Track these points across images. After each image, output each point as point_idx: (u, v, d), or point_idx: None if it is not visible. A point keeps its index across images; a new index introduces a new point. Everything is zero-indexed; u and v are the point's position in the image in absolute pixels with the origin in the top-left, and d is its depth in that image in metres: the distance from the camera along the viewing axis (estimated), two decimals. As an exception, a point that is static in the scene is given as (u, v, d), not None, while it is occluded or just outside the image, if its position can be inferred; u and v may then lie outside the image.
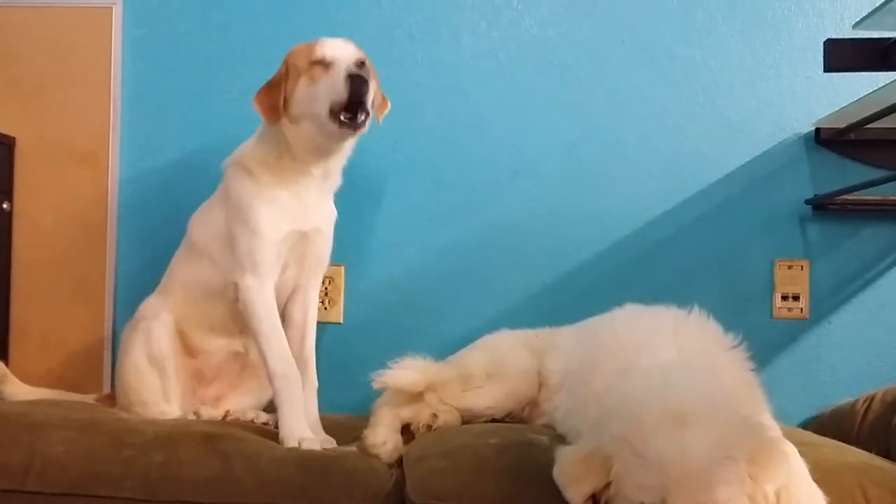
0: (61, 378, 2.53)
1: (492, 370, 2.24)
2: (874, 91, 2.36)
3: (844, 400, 2.45)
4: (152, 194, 2.72)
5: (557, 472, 1.58)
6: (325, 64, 2.11)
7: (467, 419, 2.17)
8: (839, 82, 2.62)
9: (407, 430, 2.03)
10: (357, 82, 2.05)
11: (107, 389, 2.60)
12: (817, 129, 2.67)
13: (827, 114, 2.62)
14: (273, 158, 2.19)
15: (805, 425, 2.53)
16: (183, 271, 2.32)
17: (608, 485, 1.49)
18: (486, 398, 2.21)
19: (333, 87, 2.07)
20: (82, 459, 1.73)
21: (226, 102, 2.72)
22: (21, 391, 2.38)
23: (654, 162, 2.71)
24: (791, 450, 1.63)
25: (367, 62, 2.20)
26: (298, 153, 2.18)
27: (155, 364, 2.19)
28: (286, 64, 2.19)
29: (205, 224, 2.29)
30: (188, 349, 2.28)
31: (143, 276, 2.66)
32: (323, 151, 2.19)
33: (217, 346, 2.31)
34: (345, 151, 2.25)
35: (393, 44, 2.72)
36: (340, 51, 2.14)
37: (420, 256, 2.71)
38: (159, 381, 2.19)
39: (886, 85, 2.28)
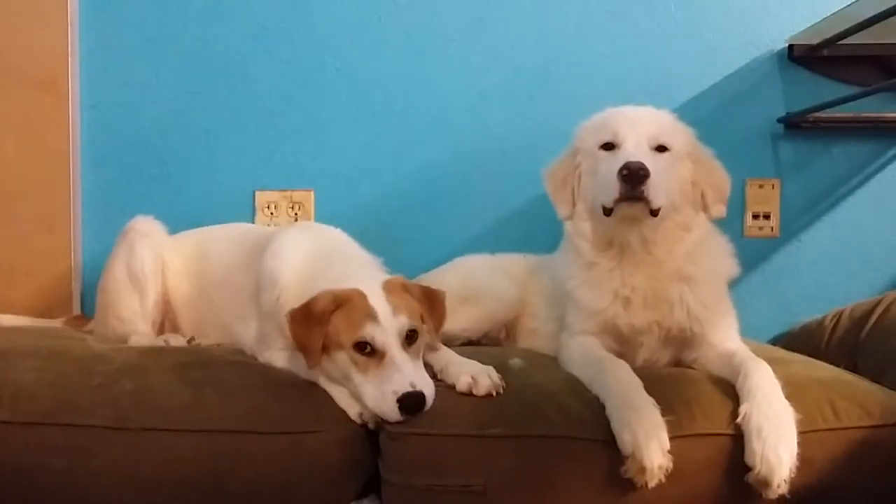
0: (30, 308, 2.51)
1: (465, 293, 2.24)
2: (847, 5, 2.33)
3: (813, 316, 2.48)
4: (115, 119, 2.66)
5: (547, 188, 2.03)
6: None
7: (443, 342, 2.17)
8: (813, -4, 2.59)
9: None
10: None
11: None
12: (790, 46, 2.65)
13: (800, 29, 2.59)
14: None
15: (775, 341, 2.57)
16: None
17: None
18: (461, 321, 2.21)
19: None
20: (53, 388, 1.71)
21: (187, 22, 2.65)
22: None
23: (626, 81, 2.68)
24: (765, 367, 1.68)
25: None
26: None
27: (136, 283, 2.16)
28: None
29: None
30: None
31: (109, 203, 2.64)
32: None
33: None
34: None
35: (361, -40, 2.66)
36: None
37: (391, 180, 2.68)
38: (138, 300, 2.16)
39: (860, -1, 2.25)
